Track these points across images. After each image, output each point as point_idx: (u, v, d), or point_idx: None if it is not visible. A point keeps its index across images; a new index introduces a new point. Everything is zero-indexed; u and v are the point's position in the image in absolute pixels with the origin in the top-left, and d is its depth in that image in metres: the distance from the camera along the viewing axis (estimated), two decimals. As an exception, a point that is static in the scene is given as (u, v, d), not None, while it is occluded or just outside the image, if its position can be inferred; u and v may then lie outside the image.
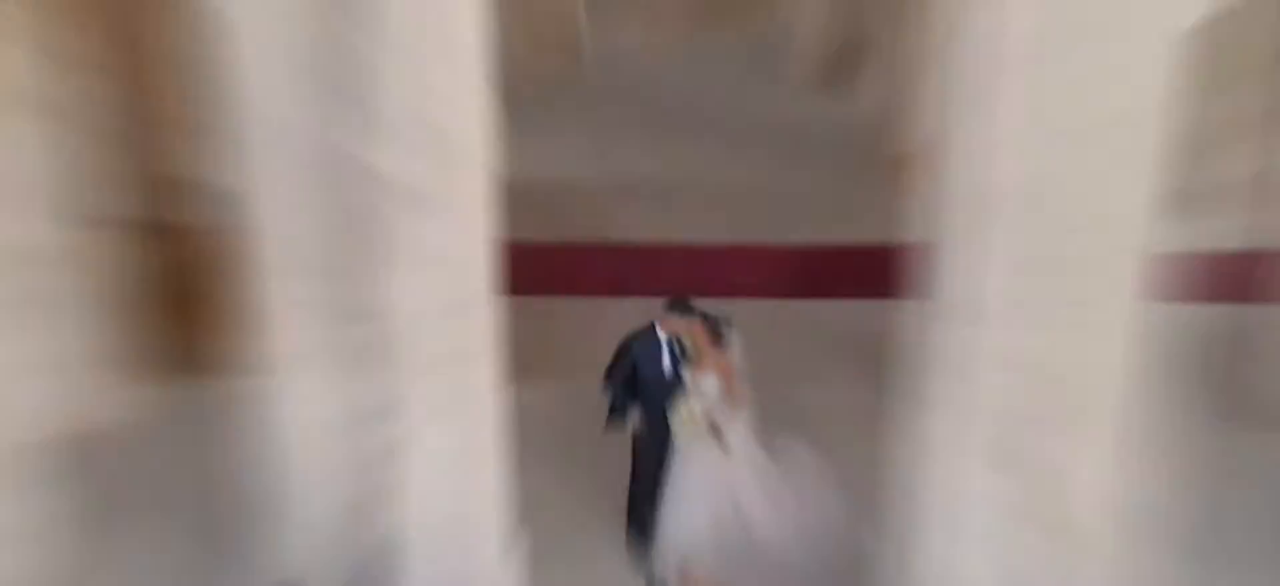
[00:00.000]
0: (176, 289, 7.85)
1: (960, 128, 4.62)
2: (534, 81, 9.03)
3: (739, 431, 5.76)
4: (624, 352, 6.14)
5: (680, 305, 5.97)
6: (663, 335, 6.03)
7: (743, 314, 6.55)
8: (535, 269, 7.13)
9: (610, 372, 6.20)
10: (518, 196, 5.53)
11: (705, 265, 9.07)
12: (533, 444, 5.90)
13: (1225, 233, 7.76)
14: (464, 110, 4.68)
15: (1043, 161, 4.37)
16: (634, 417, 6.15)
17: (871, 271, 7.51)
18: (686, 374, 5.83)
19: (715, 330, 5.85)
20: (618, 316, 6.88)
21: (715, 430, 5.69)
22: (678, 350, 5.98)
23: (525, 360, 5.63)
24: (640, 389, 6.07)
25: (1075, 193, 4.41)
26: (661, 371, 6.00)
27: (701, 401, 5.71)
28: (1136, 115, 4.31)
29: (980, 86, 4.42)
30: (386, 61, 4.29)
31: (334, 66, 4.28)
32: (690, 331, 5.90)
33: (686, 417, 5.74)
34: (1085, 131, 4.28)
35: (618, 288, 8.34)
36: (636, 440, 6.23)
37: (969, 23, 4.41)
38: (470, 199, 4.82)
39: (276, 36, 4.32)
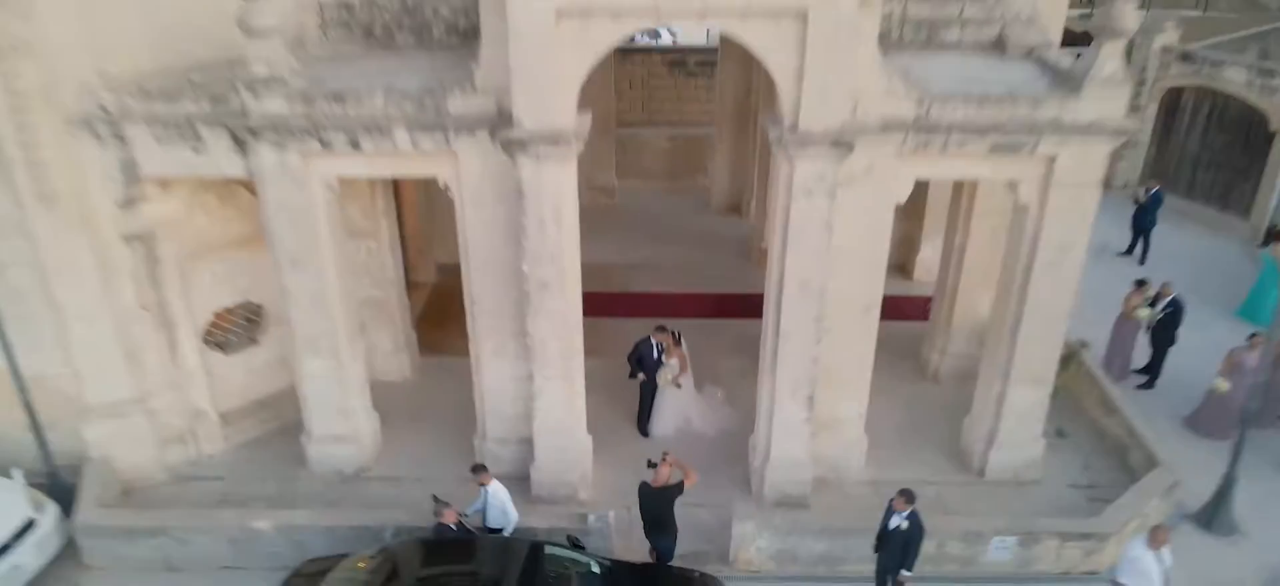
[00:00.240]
0: (434, 311, 14.87)
1: (778, 240, 11.31)
2: (593, 210, 15.67)
3: (686, 383, 12.69)
4: (636, 348, 13.06)
5: (660, 327, 12.88)
6: (653, 340, 12.91)
7: (689, 327, 13.49)
8: (596, 305, 13.72)
9: (630, 356, 13.07)
10: (587, 271, 12.20)
11: (672, 303, 16.28)
12: (595, 387, 12.63)
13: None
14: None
15: (819, 264, 11.05)
16: (640, 377, 13.02)
17: (749, 307, 14.07)
18: (663, 358, 12.71)
19: (676, 338, 12.80)
20: (632, 328, 13.76)
21: (676, 383, 12.62)
22: (660, 347, 12.85)
23: (592, 347, 12.34)
24: (642, 364, 12.96)
25: (839, 279, 11.07)
26: (653, 356, 12.90)
27: (670, 371, 12.63)
28: (861, 245, 11.01)
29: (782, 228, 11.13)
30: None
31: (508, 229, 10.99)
32: (665, 339, 12.81)
33: (663, 378, 12.66)
34: (840, 249, 10.95)
35: (632, 313, 15.23)
36: (641, 387, 13.11)
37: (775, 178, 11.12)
38: (569, 281, 11.51)
39: (484, 207, 11.04)
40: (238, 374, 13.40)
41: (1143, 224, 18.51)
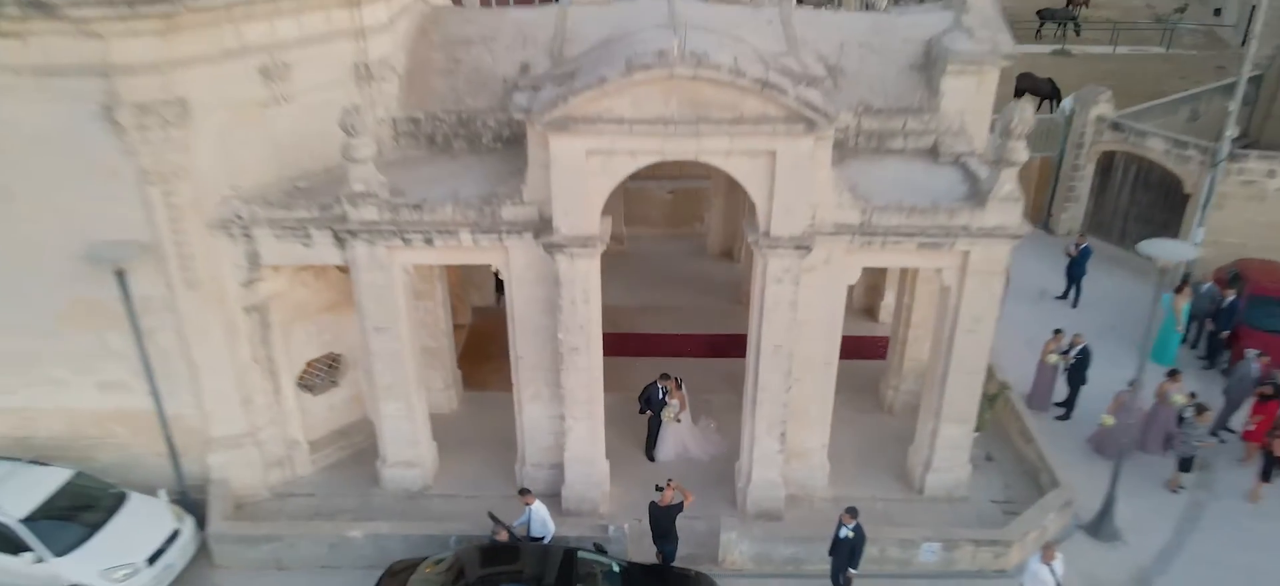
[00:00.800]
0: (472, 350, 18.05)
1: (755, 314, 14.43)
2: (605, 255, 18.38)
3: (685, 418, 15.89)
4: (645, 390, 16.25)
5: (665, 374, 16.08)
6: (659, 385, 16.08)
7: (686, 365, 16.67)
8: (610, 346, 16.71)
9: (640, 396, 16.26)
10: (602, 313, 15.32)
11: (673, 343, 19.32)
12: (611, 421, 15.75)
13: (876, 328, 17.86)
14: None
15: (787, 333, 14.20)
16: (648, 413, 16.21)
17: (738, 347, 17.03)
18: (667, 399, 15.90)
19: (678, 383, 15.99)
20: (640, 366, 16.92)
21: (676, 419, 15.82)
22: (664, 389, 16.04)
23: (607, 384, 15.44)
24: (650, 403, 16.15)
25: (804, 342, 14.21)
26: (659, 397, 16.09)
27: (672, 410, 15.83)
28: (821, 316, 14.17)
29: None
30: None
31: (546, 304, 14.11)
32: (669, 383, 15.99)
33: (666, 415, 15.86)
34: (804, 320, 14.10)
35: (640, 353, 18.35)
36: (649, 421, 16.30)
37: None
38: (594, 345, 14.64)
39: (527, 288, 14.18)
40: (321, 409, 16.57)
41: (1075, 273, 21.65)
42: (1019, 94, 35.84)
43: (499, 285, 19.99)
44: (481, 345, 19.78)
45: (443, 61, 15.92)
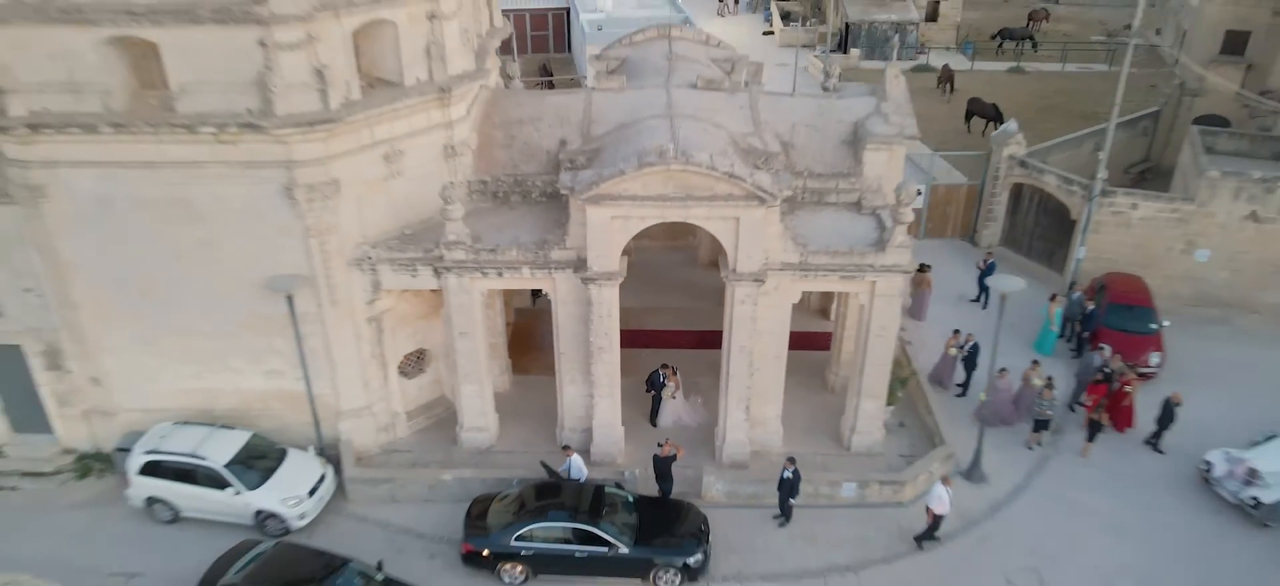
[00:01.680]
0: (516, 343, 24.09)
1: (727, 325, 20.44)
2: None
3: (679, 396, 22.08)
4: (650, 375, 22.40)
5: (665, 364, 22.26)
6: (660, 370, 22.24)
7: (680, 356, 22.82)
8: (622, 340, 22.71)
9: (647, 379, 22.42)
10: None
11: (670, 337, 25.28)
12: (625, 399, 21.80)
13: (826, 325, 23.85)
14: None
15: (749, 337, 20.26)
16: (651, 392, 22.37)
17: (721, 341, 23.11)
18: (666, 380, 22.06)
19: (674, 370, 22.17)
20: (645, 357, 23.02)
21: (673, 397, 22.00)
22: (664, 374, 22.19)
23: (622, 372, 21.50)
24: (653, 385, 22.33)
25: (761, 343, 20.27)
26: (659, 380, 22.24)
27: (670, 390, 22.02)
28: (773, 326, 20.23)
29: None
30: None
31: (581, 316, 20.14)
32: (668, 370, 22.15)
33: (666, 394, 22.04)
34: (762, 330, 20.15)
35: (646, 345, 24.40)
36: (652, 398, 22.47)
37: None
38: (614, 344, 20.62)
39: (568, 306, 20.19)
40: (412, 390, 22.67)
41: (984, 281, 27.66)
42: (969, 117, 42.00)
43: (534, 294, 26.03)
44: (523, 339, 25.85)
45: (502, 138, 21.92)
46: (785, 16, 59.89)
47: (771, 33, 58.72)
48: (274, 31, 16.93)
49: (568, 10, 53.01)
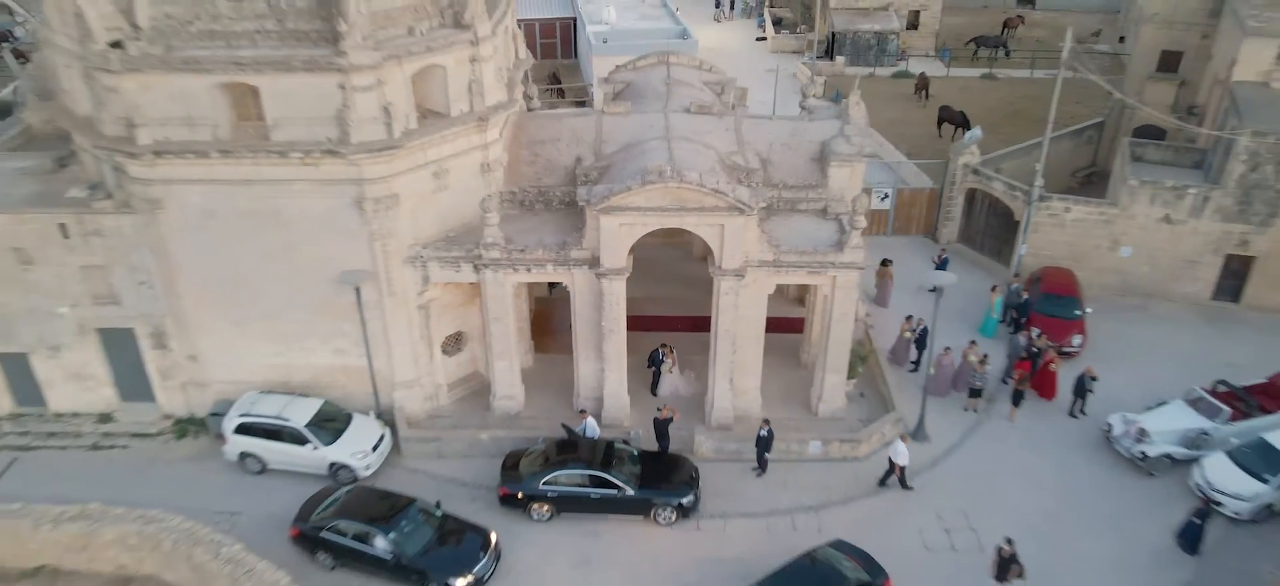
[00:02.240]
0: (537, 326, 28.55)
1: (714, 312, 24.83)
2: None
3: (675, 370, 26.58)
4: (651, 353, 26.86)
5: (664, 344, 26.74)
6: (659, 349, 26.70)
7: (677, 338, 27.27)
8: (630, 325, 27.08)
9: (649, 357, 26.87)
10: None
11: (668, 322, 29.70)
12: (630, 371, 26.20)
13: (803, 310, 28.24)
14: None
15: (732, 322, 24.65)
16: (652, 367, 26.84)
17: (710, 325, 27.48)
18: (664, 357, 26.53)
19: (671, 349, 26.63)
20: (650, 338, 27.44)
21: (670, 371, 26.48)
22: (663, 353, 26.65)
23: (628, 350, 25.89)
24: (653, 361, 26.80)
25: (742, 326, 24.66)
26: (659, 357, 26.72)
27: (667, 366, 26.52)
28: (752, 313, 24.62)
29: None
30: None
31: (594, 304, 24.53)
32: (665, 348, 26.63)
33: (664, 369, 26.53)
34: (742, 316, 24.51)
35: (647, 329, 28.78)
36: (652, 373, 26.94)
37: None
38: (621, 328, 25.00)
39: (583, 296, 24.58)
40: (451, 366, 27.06)
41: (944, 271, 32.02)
42: (940, 123, 46.25)
43: (551, 286, 30.37)
44: (542, 323, 30.22)
45: (528, 156, 26.27)
46: (777, 23, 64.02)
47: (764, 38, 62.80)
48: (351, 77, 21.28)
49: (574, 20, 57.09)
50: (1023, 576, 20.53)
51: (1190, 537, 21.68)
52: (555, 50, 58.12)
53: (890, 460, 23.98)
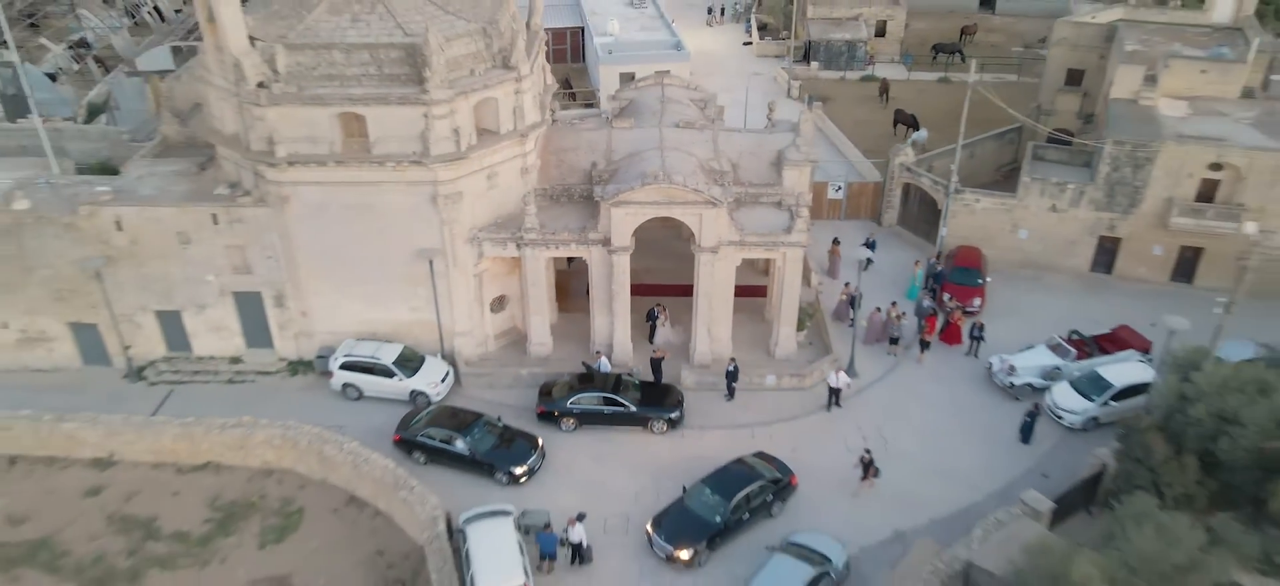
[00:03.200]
0: (560, 290, 36.98)
1: (696, 279, 33.20)
2: None
3: (667, 324, 35.06)
4: (649, 311, 35.33)
5: (659, 304, 35.20)
6: (655, 308, 35.18)
7: (670, 301, 35.67)
8: (632, 290, 35.33)
9: (647, 314, 35.35)
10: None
11: (662, 289, 38.08)
12: (633, 325, 34.57)
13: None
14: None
15: (709, 286, 33.04)
16: (650, 322, 35.32)
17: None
18: (659, 314, 35.01)
19: (664, 309, 35.12)
20: (648, 300, 35.88)
21: (663, 325, 34.95)
22: (658, 311, 35.14)
23: (631, 310, 34.22)
24: (650, 316, 35.27)
25: (716, 288, 33.01)
26: (655, 314, 35.22)
27: (662, 319, 34.96)
28: (723, 278, 32.99)
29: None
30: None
31: (606, 274, 32.88)
32: (660, 307, 35.11)
33: (659, 323, 34.96)
34: (716, 281, 32.89)
35: (646, 294, 37.17)
36: (650, 326, 35.41)
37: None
38: (625, 291, 33.32)
39: (598, 268, 32.94)
40: (496, 321, 35.47)
41: (871, 249, 40.32)
42: (896, 123, 54.38)
43: (569, 260, 38.66)
44: (564, 287, 38.54)
45: (555, 162, 34.58)
46: (762, 28, 72.04)
47: (750, 43, 70.82)
48: (432, 109, 29.53)
49: (583, 29, 65.10)
50: (878, 476, 28.86)
51: (1025, 431, 30.40)
52: (566, 56, 66.16)
53: (829, 386, 32.40)
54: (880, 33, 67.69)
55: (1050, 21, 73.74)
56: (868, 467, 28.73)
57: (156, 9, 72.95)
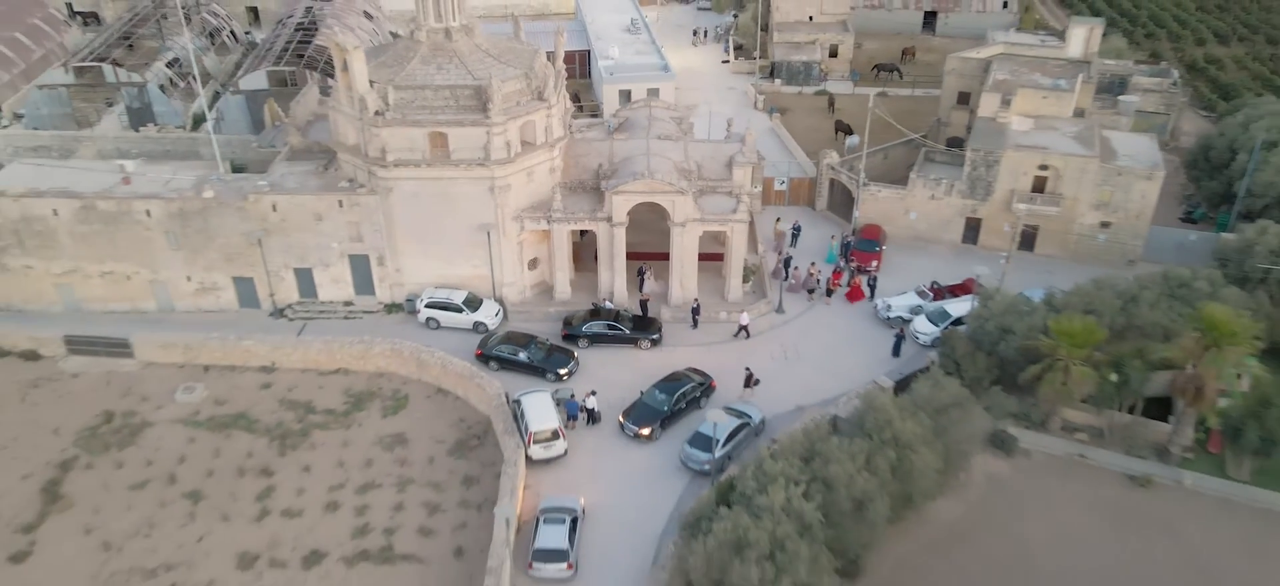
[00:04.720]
0: (577, 255, 51.69)
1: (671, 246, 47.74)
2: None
3: (651, 279, 49.82)
4: (639, 269, 50.06)
5: (647, 264, 49.86)
6: (643, 267, 49.95)
7: (654, 262, 50.42)
8: (627, 255, 49.68)
9: (638, 271, 50.12)
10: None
11: (649, 255, 52.79)
12: (628, 279, 49.09)
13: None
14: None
15: (681, 250, 47.62)
16: (639, 276, 50.10)
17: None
18: (646, 272, 49.77)
19: (650, 267, 49.83)
20: (639, 261, 50.55)
21: (650, 279, 49.72)
22: (645, 269, 49.90)
23: (627, 268, 48.70)
24: (640, 273, 50.04)
25: (685, 253, 47.56)
26: (643, 271, 50.00)
27: (648, 275, 49.75)
28: (690, 246, 47.58)
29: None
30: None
31: (612, 242, 47.49)
32: (648, 266, 49.87)
33: (646, 277, 49.72)
34: (686, 248, 47.49)
35: (636, 258, 51.86)
36: (639, 278, 50.18)
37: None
38: (623, 254, 47.82)
39: (605, 238, 47.55)
40: (532, 276, 50.10)
41: (796, 231, 54.83)
42: (836, 130, 68.99)
43: (581, 232, 53.12)
44: (577, 254, 53.07)
45: (573, 164, 49.24)
46: (738, 48, 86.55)
47: (728, 61, 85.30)
48: (492, 129, 44.11)
49: (589, 51, 79.51)
50: (758, 384, 43.10)
51: (895, 348, 45.16)
52: (575, 73, 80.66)
53: (740, 323, 46.99)
54: (833, 54, 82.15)
55: (981, 41, 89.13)
56: (748, 380, 43.28)
57: (232, 33, 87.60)
